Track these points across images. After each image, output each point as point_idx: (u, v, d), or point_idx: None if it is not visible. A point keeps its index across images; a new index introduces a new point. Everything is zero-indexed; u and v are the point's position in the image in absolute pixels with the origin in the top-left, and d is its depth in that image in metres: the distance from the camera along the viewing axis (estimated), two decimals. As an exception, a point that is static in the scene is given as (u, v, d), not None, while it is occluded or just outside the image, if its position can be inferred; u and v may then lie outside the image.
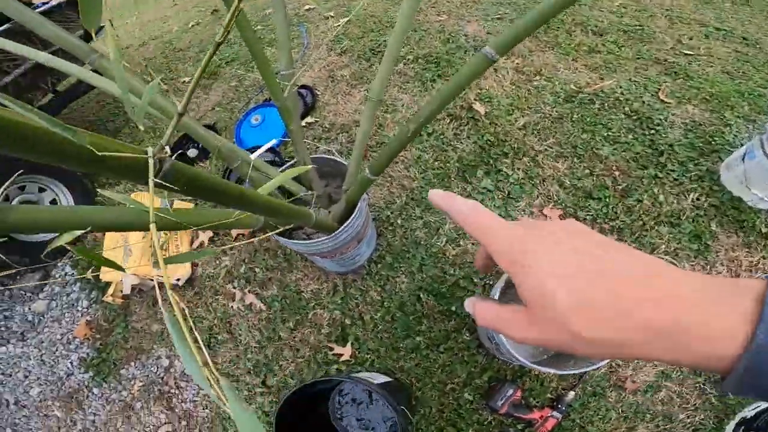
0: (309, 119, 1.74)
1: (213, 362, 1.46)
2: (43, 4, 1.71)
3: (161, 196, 1.43)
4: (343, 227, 1.01)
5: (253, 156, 1.04)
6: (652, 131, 1.55)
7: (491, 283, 1.35)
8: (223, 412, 1.34)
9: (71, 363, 1.51)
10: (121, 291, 1.51)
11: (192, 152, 1.82)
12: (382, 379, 1.18)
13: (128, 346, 1.48)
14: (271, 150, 1.63)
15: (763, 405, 0.98)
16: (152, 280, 1.48)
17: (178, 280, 1.48)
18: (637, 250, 0.21)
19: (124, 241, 1.55)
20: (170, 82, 2.38)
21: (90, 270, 1.65)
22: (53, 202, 1.72)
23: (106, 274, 1.53)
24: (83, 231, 0.34)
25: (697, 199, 1.36)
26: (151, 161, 0.31)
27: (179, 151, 1.81)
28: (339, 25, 2.06)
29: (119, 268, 0.32)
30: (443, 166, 1.54)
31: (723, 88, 1.61)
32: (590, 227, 0.24)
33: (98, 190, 1.69)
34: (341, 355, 1.32)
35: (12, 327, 1.65)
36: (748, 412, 1.01)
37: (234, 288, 1.47)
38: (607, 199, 1.40)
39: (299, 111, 1.72)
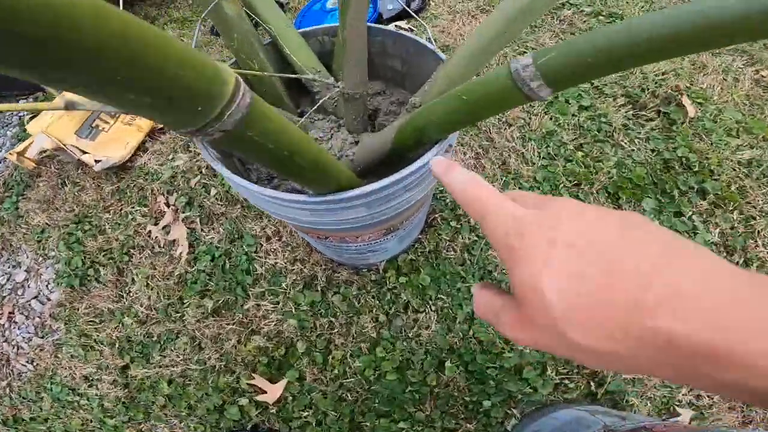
0: (403, 23, 1.12)
1: (71, 306, 0.84)
2: None
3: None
4: (366, 190, 0.39)
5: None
6: None
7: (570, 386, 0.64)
8: (50, 377, 0.77)
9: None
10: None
11: None
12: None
13: (-1, 233, 0.97)
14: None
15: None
16: (65, 147, 0.95)
17: (98, 161, 0.93)
18: (663, 230, 0.15)
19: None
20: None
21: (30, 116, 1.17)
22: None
23: (34, 122, 1.03)
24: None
25: None
26: None
27: None
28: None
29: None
30: (587, 163, 0.84)
31: None
32: None
33: None
34: (262, 392, 0.69)
35: None
36: None
37: (166, 205, 0.89)
38: None
39: (395, 4, 1.11)
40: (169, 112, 0.17)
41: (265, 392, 0.70)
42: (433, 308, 0.72)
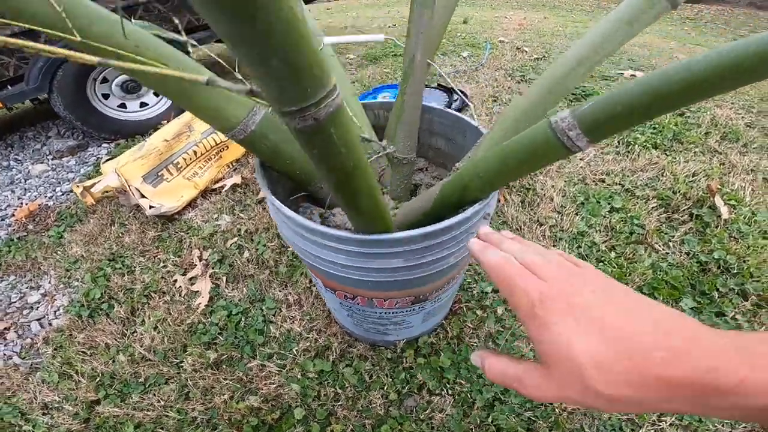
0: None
1: (69, 334, 0.79)
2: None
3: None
4: (408, 234, 0.41)
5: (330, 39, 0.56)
6: None
7: None
8: (7, 397, 0.73)
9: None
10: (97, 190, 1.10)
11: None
12: None
13: (33, 256, 1.02)
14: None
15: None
16: (124, 191, 1.04)
17: (152, 207, 1.00)
18: (661, 305, 0.19)
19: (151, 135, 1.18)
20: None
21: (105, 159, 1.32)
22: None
23: (109, 163, 1.16)
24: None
25: None
26: None
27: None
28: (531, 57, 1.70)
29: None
30: (620, 263, 0.82)
31: None
32: None
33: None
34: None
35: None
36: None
37: (199, 259, 0.92)
38: None
39: (441, 103, 1.25)
40: (288, 84, 0.20)
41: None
42: (451, 392, 0.65)
